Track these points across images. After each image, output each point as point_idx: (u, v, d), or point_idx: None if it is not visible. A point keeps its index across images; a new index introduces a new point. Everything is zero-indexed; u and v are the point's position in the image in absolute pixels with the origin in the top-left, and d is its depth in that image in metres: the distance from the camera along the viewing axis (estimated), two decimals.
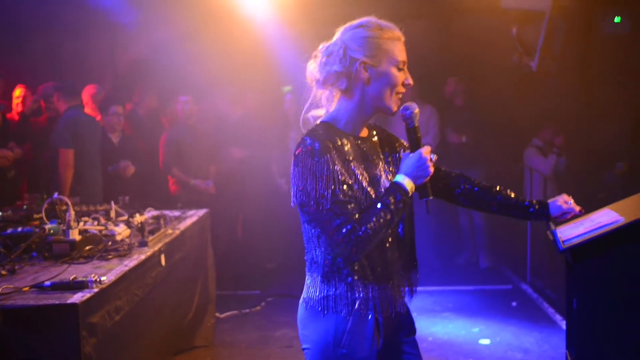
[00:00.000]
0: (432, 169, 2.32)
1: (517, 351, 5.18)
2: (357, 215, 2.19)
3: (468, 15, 7.71)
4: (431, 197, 2.36)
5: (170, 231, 4.40)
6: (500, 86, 7.69)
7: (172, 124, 7.17)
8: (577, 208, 2.49)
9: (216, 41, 7.69)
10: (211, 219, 5.56)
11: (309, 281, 2.38)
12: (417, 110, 2.36)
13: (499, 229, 7.38)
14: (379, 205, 2.21)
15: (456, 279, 7.06)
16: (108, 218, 4.44)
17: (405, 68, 2.34)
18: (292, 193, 2.27)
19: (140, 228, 3.99)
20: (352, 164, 2.25)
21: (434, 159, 2.35)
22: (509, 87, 7.72)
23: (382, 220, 2.19)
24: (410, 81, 2.34)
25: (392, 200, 2.22)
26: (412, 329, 2.52)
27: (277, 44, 7.90)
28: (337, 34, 2.35)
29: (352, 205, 2.19)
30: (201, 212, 5.25)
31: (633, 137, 8.26)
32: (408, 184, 2.27)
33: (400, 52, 2.31)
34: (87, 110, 6.36)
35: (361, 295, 2.28)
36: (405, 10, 7.49)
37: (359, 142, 2.36)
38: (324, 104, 2.43)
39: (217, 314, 5.76)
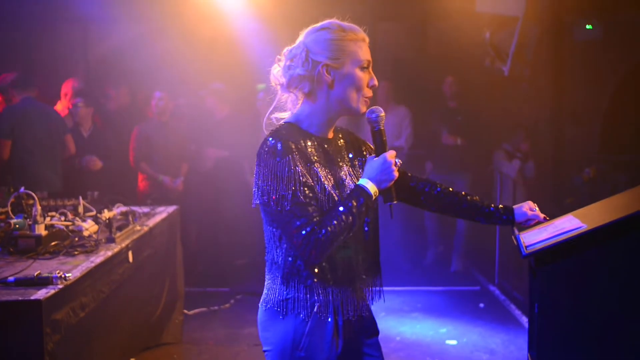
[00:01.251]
0: (396, 174, 2.31)
1: (483, 352, 5.23)
2: (317, 218, 2.17)
3: (443, 18, 7.77)
4: (395, 202, 2.36)
5: (138, 227, 4.38)
6: (475, 90, 7.75)
7: (145, 120, 7.13)
8: (542, 215, 2.53)
9: (190, 38, 7.66)
10: (181, 216, 5.54)
11: (268, 282, 2.37)
12: (382, 113, 2.36)
13: (469, 230, 7.44)
14: (340, 208, 2.20)
15: (425, 280, 7.10)
16: (76, 213, 4.39)
17: (371, 69, 2.33)
18: (253, 192, 2.26)
19: (108, 224, 3.97)
20: (314, 165, 2.25)
21: (398, 164, 2.33)
22: (482, 91, 7.78)
23: (343, 223, 2.18)
24: (375, 82, 2.32)
25: (355, 204, 2.22)
26: (374, 331, 2.51)
27: (252, 41, 7.88)
28: (300, 37, 2.34)
29: (313, 207, 2.18)
30: (171, 208, 5.24)
31: (601, 143, 8.38)
32: (372, 187, 2.27)
33: (364, 53, 2.30)
34: (59, 102, 6.32)
35: (320, 298, 2.27)
36: (380, 13, 7.54)
37: (325, 144, 2.35)
38: (289, 108, 2.41)
39: (186, 311, 5.75)
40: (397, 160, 2.33)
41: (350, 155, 2.45)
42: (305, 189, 2.18)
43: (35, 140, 5.92)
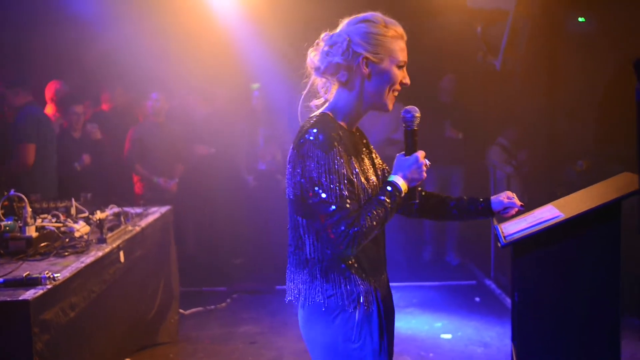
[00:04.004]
0: (425, 175, 2.35)
1: (477, 345, 5.25)
2: (356, 212, 2.18)
3: (434, 14, 7.78)
4: (417, 201, 2.40)
5: (130, 228, 4.41)
6: (467, 84, 7.77)
7: (141, 121, 7.16)
8: (519, 203, 2.55)
9: (184, 38, 7.68)
10: (177, 216, 5.57)
11: (304, 280, 2.33)
12: (418, 114, 2.37)
13: (465, 225, 7.46)
14: (376, 203, 2.23)
15: (421, 275, 7.12)
16: (68, 215, 4.42)
17: (405, 68, 2.34)
18: (289, 184, 2.26)
19: (99, 225, 3.99)
20: (352, 158, 2.27)
21: (428, 164, 2.37)
22: (474, 85, 7.81)
23: (378, 218, 2.20)
24: (408, 81, 2.35)
25: (388, 200, 2.25)
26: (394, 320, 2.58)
27: (245, 41, 7.91)
28: (342, 25, 2.34)
29: (352, 200, 2.19)
30: (164, 209, 5.26)
31: (595, 136, 8.39)
32: (402, 184, 2.30)
33: (402, 52, 2.31)
34: (48, 106, 6.33)
35: (361, 288, 2.28)
36: (371, 10, 7.54)
37: (351, 137, 2.36)
38: (321, 93, 2.42)
39: (182, 311, 5.78)
40: (426, 161, 2.37)
41: (365, 150, 2.45)
42: (347, 182, 2.19)
43: (49, 145, 5.87)
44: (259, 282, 6.77)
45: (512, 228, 2.53)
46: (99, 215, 4.38)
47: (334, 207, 2.15)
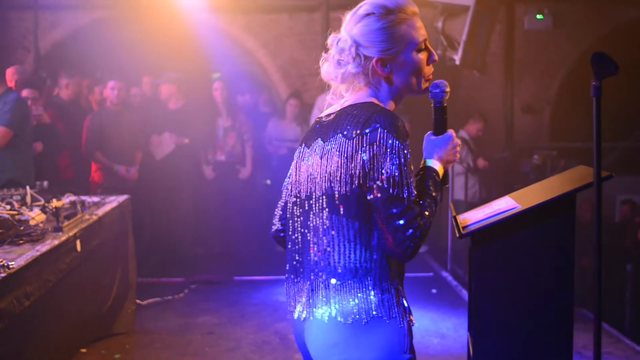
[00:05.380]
0: (459, 155, 2.17)
1: (434, 336, 5.32)
2: (419, 212, 1.93)
3: None
4: (448, 185, 2.24)
5: (87, 217, 4.35)
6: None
7: (98, 109, 7.06)
8: None
9: (143, 27, 7.60)
10: (135, 206, 5.50)
11: (350, 291, 1.98)
12: (448, 89, 2.14)
13: None
14: (427, 197, 2.00)
15: None
16: (23, 203, 4.35)
17: (427, 44, 2.09)
18: (338, 179, 1.96)
19: (55, 213, 3.93)
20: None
21: (460, 145, 2.19)
22: (433, 79, 7.87)
23: (432, 214, 1.98)
24: (436, 57, 2.12)
25: (433, 189, 2.03)
26: None
27: (205, 30, 7.86)
28: (344, 25, 2.08)
29: (414, 197, 1.94)
30: (121, 198, 5.20)
31: (551, 131, 8.58)
32: (440, 169, 2.10)
33: (417, 32, 2.05)
34: None
35: (402, 296, 2.03)
36: (334, 2, 7.55)
37: None
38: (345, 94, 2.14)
39: (139, 301, 5.72)
40: (459, 140, 2.19)
41: None
42: (412, 177, 1.96)
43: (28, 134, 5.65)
44: (217, 273, 6.75)
45: (469, 219, 2.57)
46: (55, 203, 4.30)
47: (405, 205, 1.89)
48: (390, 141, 1.91)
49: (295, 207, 2.12)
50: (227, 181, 7.35)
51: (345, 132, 1.97)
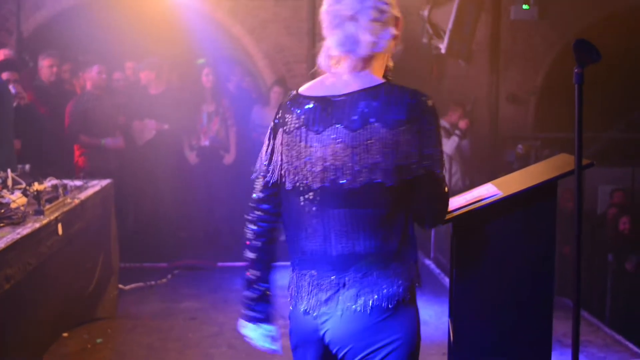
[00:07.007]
0: None
1: None
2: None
3: None
4: None
5: (69, 200, 4.32)
6: (412, 66, 7.83)
7: (81, 92, 7.00)
8: None
9: (128, 11, 7.54)
10: (118, 190, 5.48)
11: (395, 272, 1.98)
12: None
13: None
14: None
15: None
16: (4, 186, 4.31)
17: None
18: (391, 166, 1.91)
19: (36, 196, 3.90)
20: None
21: None
22: (419, 68, 7.88)
23: None
24: None
25: None
26: None
27: (190, 15, 7.81)
28: None
29: None
30: (104, 182, 5.16)
31: (535, 121, 8.62)
32: None
33: None
34: None
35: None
36: None
37: None
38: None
39: (122, 286, 5.71)
40: None
41: None
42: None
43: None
44: (200, 259, 6.74)
45: (452, 205, 2.57)
46: (36, 186, 4.27)
47: (445, 184, 2.00)
48: (438, 121, 1.96)
49: (301, 198, 2.02)
50: (211, 167, 7.32)
51: (386, 120, 1.91)
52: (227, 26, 8.17)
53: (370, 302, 1.94)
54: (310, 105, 2.00)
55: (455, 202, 2.55)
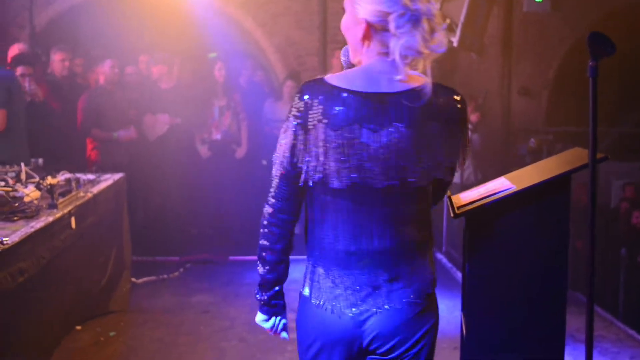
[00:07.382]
0: None
1: None
2: None
3: None
4: None
5: (82, 194, 4.34)
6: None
7: (94, 87, 7.02)
8: None
9: (139, 5, 7.55)
10: (130, 184, 5.49)
11: (426, 261, 2.08)
12: None
13: None
14: None
15: None
16: (18, 180, 4.33)
17: None
18: (448, 164, 1.99)
19: (50, 190, 3.92)
20: None
21: None
22: (432, 61, 7.84)
23: None
24: None
25: None
26: None
27: (202, 9, 7.80)
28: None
29: None
30: (117, 176, 5.18)
31: (547, 115, 8.56)
32: None
33: None
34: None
35: None
36: None
37: None
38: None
39: (134, 280, 5.74)
40: None
41: None
42: None
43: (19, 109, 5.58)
44: (212, 253, 6.76)
45: (465, 199, 2.57)
46: (49, 180, 4.30)
47: None
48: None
49: (348, 196, 1.94)
50: (222, 161, 7.32)
51: (444, 119, 1.93)
52: (239, 20, 8.17)
53: (411, 295, 2.00)
54: (358, 101, 1.89)
55: (468, 196, 2.54)
